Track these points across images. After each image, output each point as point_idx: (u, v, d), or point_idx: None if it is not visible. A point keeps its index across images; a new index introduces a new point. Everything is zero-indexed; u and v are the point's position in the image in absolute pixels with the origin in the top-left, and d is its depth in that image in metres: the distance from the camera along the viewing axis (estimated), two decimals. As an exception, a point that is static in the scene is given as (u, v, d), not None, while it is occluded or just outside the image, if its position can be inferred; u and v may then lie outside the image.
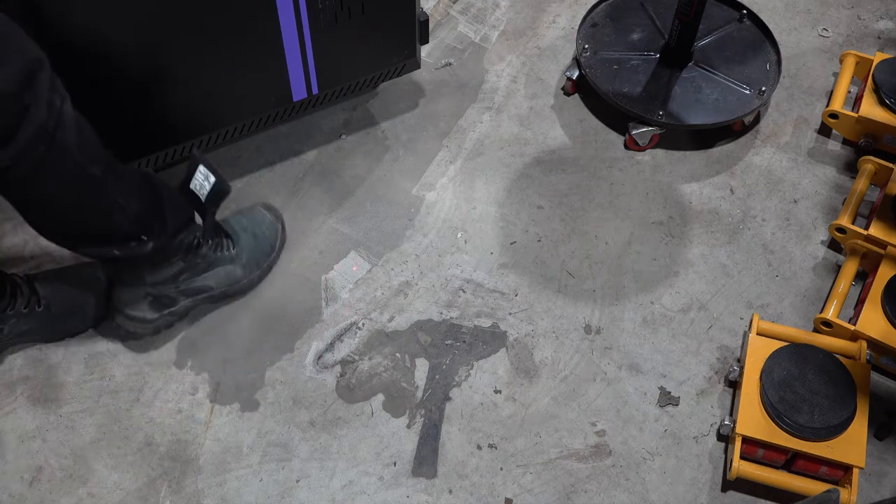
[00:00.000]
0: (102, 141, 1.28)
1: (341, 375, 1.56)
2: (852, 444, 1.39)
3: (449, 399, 1.54)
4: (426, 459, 1.47)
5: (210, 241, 1.52)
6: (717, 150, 1.89)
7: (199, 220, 1.49)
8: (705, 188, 1.82)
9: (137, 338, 1.57)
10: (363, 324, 1.62)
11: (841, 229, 1.68)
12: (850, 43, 2.08)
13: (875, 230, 1.64)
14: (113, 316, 1.54)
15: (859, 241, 1.65)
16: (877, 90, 1.83)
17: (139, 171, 1.41)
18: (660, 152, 1.88)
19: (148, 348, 1.58)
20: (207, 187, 1.45)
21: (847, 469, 1.40)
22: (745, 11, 1.98)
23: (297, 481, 1.45)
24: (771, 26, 1.96)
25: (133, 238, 1.36)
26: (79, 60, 1.37)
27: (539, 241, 1.74)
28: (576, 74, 1.92)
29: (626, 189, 1.81)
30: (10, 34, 1.12)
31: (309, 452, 1.48)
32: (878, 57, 1.88)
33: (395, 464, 1.47)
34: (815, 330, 1.61)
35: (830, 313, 1.58)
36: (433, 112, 1.93)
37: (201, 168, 1.44)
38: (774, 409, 1.41)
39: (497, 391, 1.55)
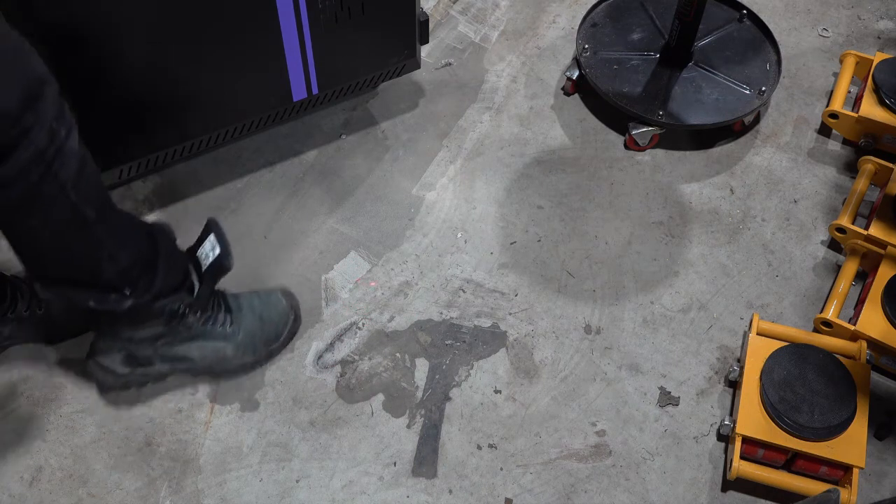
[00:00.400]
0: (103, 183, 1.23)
1: (341, 375, 1.56)
2: (852, 444, 1.39)
3: (449, 399, 1.54)
4: (426, 459, 1.47)
5: (199, 313, 1.43)
6: (717, 150, 1.89)
7: (196, 287, 1.41)
8: (705, 188, 1.82)
9: (105, 389, 1.51)
10: (363, 324, 1.62)
11: (841, 229, 1.68)
12: (850, 43, 2.08)
13: (875, 230, 1.64)
14: (86, 360, 1.48)
15: (859, 241, 1.65)
16: (877, 90, 1.83)
17: (144, 225, 1.35)
18: (660, 152, 1.88)
19: (148, 348, 1.58)
20: (211, 258, 1.40)
21: (847, 469, 1.40)
22: (745, 11, 1.98)
23: (297, 481, 1.45)
24: (771, 26, 1.96)
25: (114, 290, 1.29)
26: (78, 61, 1.37)
27: (539, 241, 1.74)
28: (576, 74, 1.92)
29: (626, 189, 1.81)
30: (17, 51, 1.08)
31: (309, 452, 1.48)
32: (878, 57, 1.88)
33: (395, 464, 1.47)
34: (815, 330, 1.61)
35: (830, 313, 1.58)
36: (433, 112, 1.93)
37: (211, 238, 1.40)
38: (774, 409, 1.41)
39: (497, 391, 1.55)
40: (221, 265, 1.40)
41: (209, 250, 1.40)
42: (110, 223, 1.25)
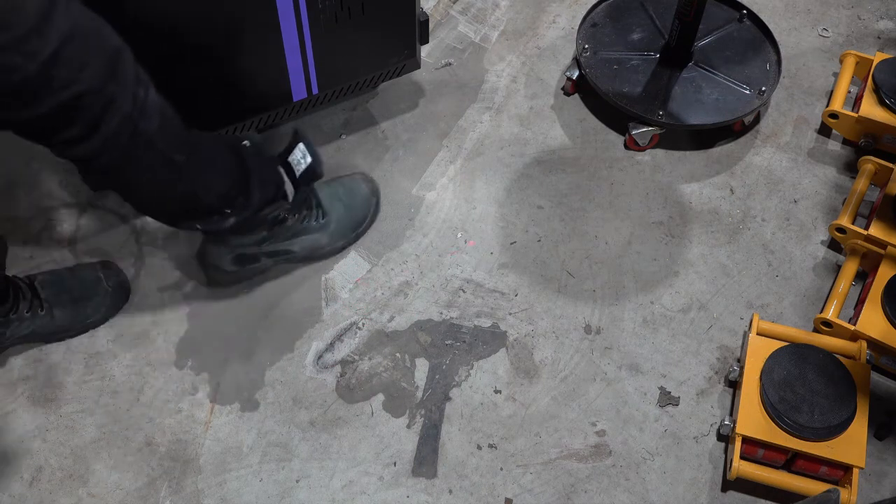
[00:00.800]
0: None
1: (341, 375, 1.56)
2: (852, 444, 1.39)
3: (449, 399, 1.54)
4: (426, 459, 1.47)
5: (297, 215, 1.55)
6: (717, 150, 1.89)
7: (290, 191, 1.51)
8: (705, 188, 1.82)
9: (222, 285, 1.64)
10: (363, 324, 1.62)
11: (841, 229, 1.68)
12: (850, 43, 2.08)
13: (875, 230, 1.64)
14: (199, 265, 1.64)
15: (859, 241, 1.65)
16: (877, 90, 1.83)
17: (229, 147, 1.42)
18: (660, 152, 1.88)
19: (148, 348, 1.58)
20: (303, 165, 1.48)
21: (847, 469, 1.40)
22: (745, 11, 1.98)
23: (297, 481, 1.45)
24: (771, 26, 1.96)
25: (216, 212, 1.40)
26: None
27: (539, 241, 1.74)
28: (576, 74, 1.92)
29: (626, 189, 1.81)
30: (93, 28, 1.12)
31: (309, 452, 1.48)
32: (878, 57, 1.88)
33: (395, 464, 1.47)
34: (815, 330, 1.61)
35: (830, 313, 1.58)
36: (433, 112, 1.93)
37: (301, 146, 1.49)
38: (774, 409, 1.41)
39: (497, 391, 1.55)
40: (315, 172, 1.50)
41: (300, 158, 1.49)
42: (199, 158, 1.34)
